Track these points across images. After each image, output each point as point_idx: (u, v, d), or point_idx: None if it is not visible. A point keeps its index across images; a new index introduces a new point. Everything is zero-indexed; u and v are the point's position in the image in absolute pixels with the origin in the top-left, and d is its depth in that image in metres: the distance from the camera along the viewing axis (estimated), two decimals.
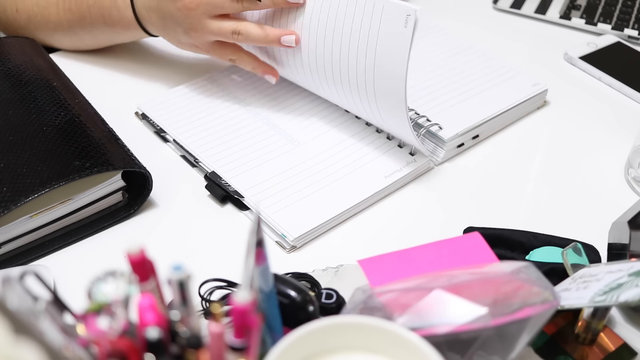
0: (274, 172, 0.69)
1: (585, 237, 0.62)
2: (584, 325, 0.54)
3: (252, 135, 0.74)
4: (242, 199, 0.67)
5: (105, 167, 0.62)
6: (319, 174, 0.69)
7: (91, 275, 0.41)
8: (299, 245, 0.64)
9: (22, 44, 0.80)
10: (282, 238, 0.63)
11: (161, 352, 0.39)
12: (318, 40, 0.69)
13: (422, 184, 0.72)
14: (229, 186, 0.67)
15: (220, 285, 0.56)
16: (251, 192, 0.66)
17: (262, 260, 0.45)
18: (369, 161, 0.71)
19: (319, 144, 0.73)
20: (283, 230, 0.63)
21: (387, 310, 0.46)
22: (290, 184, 0.68)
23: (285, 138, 0.74)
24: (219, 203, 0.68)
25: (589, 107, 0.84)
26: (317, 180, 0.68)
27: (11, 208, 0.58)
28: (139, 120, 0.77)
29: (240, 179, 0.68)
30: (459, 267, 0.50)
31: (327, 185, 0.68)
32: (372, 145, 0.73)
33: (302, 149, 0.72)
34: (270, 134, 0.74)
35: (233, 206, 0.67)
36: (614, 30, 0.96)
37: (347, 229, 0.66)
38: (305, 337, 0.42)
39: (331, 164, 0.70)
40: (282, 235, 0.63)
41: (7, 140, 0.64)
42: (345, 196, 0.67)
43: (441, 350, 0.42)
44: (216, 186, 0.68)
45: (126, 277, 0.41)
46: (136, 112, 0.78)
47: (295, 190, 0.67)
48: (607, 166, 0.75)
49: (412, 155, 0.72)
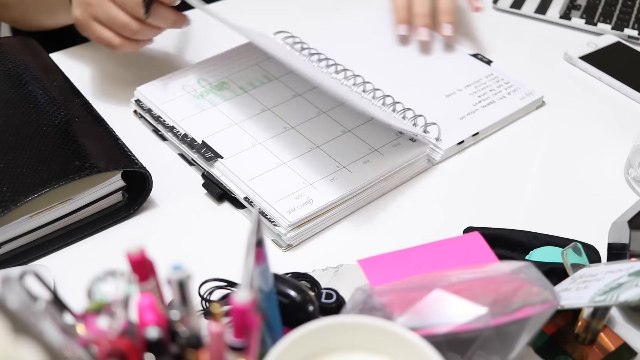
0: (270, 159, 0.69)
1: (585, 237, 0.62)
2: (584, 325, 0.54)
3: (254, 120, 0.74)
4: (236, 196, 0.67)
5: (105, 167, 0.62)
6: (320, 160, 0.69)
7: (91, 275, 0.41)
8: (295, 244, 0.64)
9: (22, 44, 0.80)
10: (279, 237, 0.63)
11: (161, 352, 0.39)
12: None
13: (422, 184, 0.72)
14: (224, 185, 0.68)
15: (220, 285, 0.56)
16: (250, 181, 0.66)
17: (262, 260, 0.45)
18: (371, 151, 0.71)
19: (318, 131, 0.73)
20: (280, 218, 0.63)
21: (387, 310, 0.46)
22: (288, 172, 0.68)
23: (284, 123, 0.74)
24: (216, 202, 0.68)
25: (589, 107, 0.84)
26: (317, 167, 0.68)
27: (11, 208, 0.58)
28: (138, 121, 0.77)
29: (238, 167, 0.68)
30: (459, 267, 0.50)
31: (329, 174, 0.68)
32: (372, 136, 0.73)
33: (301, 137, 0.72)
34: (270, 118, 0.75)
35: (230, 205, 0.68)
36: (614, 30, 0.96)
37: (347, 229, 0.66)
38: (305, 337, 0.42)
39: (336, 152, 0.71)
40: (278, 235, 0.63)
41: (7, 140, 0.64)
42: (346, 183, 0.67)
43: (441, 350, 0.42)
44: (213, 184, 0.68)
45: (126, 277, 0.41)
46: (135, 111, 0.78)
47: (293, 178, 0.67)
48: (607, 166, 0.75)
49: (412, 141, 0.72)
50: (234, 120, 0.74)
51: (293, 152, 0.70)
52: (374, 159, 0.70)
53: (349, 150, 0.71)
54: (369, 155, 0.70)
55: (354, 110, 0.75)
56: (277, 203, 0.64)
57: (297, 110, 0.76)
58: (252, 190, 0.66)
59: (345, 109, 0.76)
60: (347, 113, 0.75)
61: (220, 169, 0.68)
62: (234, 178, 0.67)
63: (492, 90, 0.82)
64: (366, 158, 0.70)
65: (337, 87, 0.74)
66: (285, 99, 0.77)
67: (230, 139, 0.71)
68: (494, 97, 0.81)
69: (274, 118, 0.74)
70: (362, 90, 0.78)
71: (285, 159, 0.69)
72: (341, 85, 0.79)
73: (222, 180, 0.68)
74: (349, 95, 0.73)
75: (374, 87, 0.78)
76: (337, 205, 0.66)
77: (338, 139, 0.72)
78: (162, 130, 0.74)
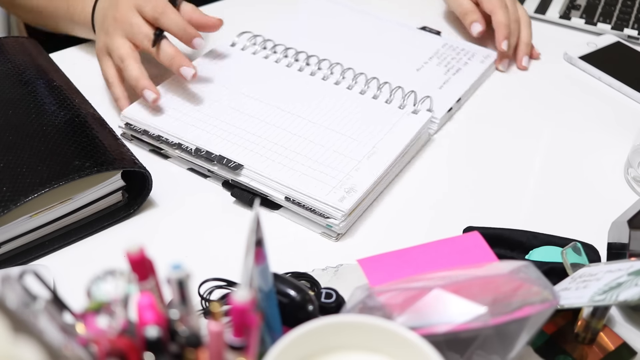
0: (293, 153, 0.69)
1: (584, 236, 0.62)
2: (584, 325, 0.54)
3: (260, 118, 0.73)
4: (272, 199, 0.66)
5: (104, 166, 0.62)
6: (347, 146, 0.70)
7: (91, 274, 0.41)
8: (344, 232, 0.65)
9: (22, 44, 0.80)
10: (328, 228, 0.64)
11: (160, 351, 0.39)
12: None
13: (421, 183, 0.72)
14: (251, 187, 0.67)
15: (219, 284, 0.57)
16: (289, 180, 0.66)
17: (262, 260, 0.45)
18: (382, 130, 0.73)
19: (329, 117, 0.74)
20: (332, 210, 0.63)
21: (387, 310, 0.46)
22: (321, 164, 0.68)
23: (293, 116, 0.74)
24: (248, 207, 0.67)
25: (588, 106, 0.84)
26: (348, 153, 0.69)
27: (11, 208, 0.58)
28: (129, 143, 0.76)
29: (268, 170, 0.67)
30: (459, 267, 0.50)
31: (361, 158, 0.69)
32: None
33: (314, 125, 0.73)
34: (274, 113, 0.74)
35: (265, 207, 0.67)
36: (613, 30, 0.96)
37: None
38: (304, 336, 0.42)
39: (357, 134, 0.72)
40: (328, 226, 0.64)
41: (7, 140, 0.64)
42: (379, 163, 0.69)
43: (441, 350, 0.42)
44: (243, 192, 0.67)
45: (125, 276, 0.41)
46: (123, 133, 0.74)
47: (329, 168, 0.68)
48: (607, 166, 0.75)
49: (415, 114, 0.74)
50: (238, 125, 0.72)
51: (315, 143, 0.70)
52: (389, 136, 0.71)
53: (366, 132, 0.72)
54: (384, 133, 0.72)
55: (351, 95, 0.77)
56: (327, 196, 0.64)
57: (301, 100, 0.76)
58: (294, 189, 0.65)
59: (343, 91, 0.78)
60: (345, 95, 0.77)
61: (249, 175, 0.67)
62: (268, 181, 0.66)
63: (454, 59, 0.87)
64: (382, 137, 0.71)
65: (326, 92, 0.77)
66: (284, 92, 0.77)
67: (243, 143, 0.70)
68: (459, 65, 0.86)
69: (280, 113, 0.74)
70: (352, 79, 0.79)
71: (310, 152, 0.69)
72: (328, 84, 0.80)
73: (252, 185, 0.67)
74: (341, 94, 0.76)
75: (358, 72, 0.79)
76: (375, 186, 0.67)
77: (351, 121, 0.73)
78: (167, 149, 0.72)
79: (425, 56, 0.87)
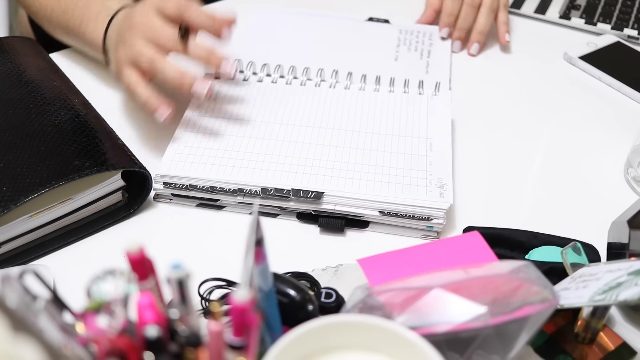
0: (364, 166, 0.66)
1: (584, 236, 0.62)
2: (584, 325, 0.54)
3: (303, 141, 0.70)
4: (364, 218, 0.64)
5: (104, 166, 0.62)
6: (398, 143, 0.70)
7: (91, 274, 0.41)
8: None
9: (22, 44, 0.80)
10: (429, 229, 0.64)
11: (160, 351, 0.39)
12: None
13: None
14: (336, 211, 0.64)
15: (219, 284, 0.57)
16: (378, 195, 0.63)
17: (262, 259, 0.45)
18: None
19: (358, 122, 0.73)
20: (435, 211, 0.62)
21: (387, 309, 0.46)
22: (399, 169, 0.67)
23: (333, 130, 0.71)
24: (340, 233, 0.65)
25: (588, 106, 0.84)
26: (407, 152, 0.69)
27: (11, 208, 0.58)
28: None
29: (350, 189, 0.64)
30: (459, 266, 0.50)
31: (423, 151, 0.69)
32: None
33: (360, 133, 0.71)
34: (313, 132, 0.71)
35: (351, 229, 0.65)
36: (613, 30, 0.96)
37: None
38: (304, 336, 0.42)
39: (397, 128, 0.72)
40: (429, 227, 0.64)
41: (7, 140, 0.64)
42: (443, 148, 0.69)
43: (440, 349, 0.42)
44: (332, 219, 0.64)
45: (125, 276, 0.41)
46: (156, 195, 0.68)
47: (408, 170, 0.67)
48: (607, 166, 0.75)
49: (420, 94, 0.77)
50: (288, 154, 0.68)
51: (378, 151, 0.68)
52: (431, 123, 0.72)
53: (409, 125, 0.72)
54: (426, 121, 0.72)
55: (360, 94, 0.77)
56: (426, 198, 0.63)
57: (328, 113, 0.73)
58: (388, 201, 0.63)
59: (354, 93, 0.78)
60: (363, 98, 0.77)
61: (332, 200, 0.64)
62: (356, 201, 0.63)
63: (418, 42, 0.89)
64: (427, 125, 0.72)
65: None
66: (305, 109, 0.74)
67: (304, 170, 0.66)
68: (426, 47, 0.88)
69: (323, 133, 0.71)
70: (360, 80, 0.79)
71: (380, 161, 0.67)
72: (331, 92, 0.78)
73: (338, 210, 0.64)
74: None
75: (359, 74, 0.80)
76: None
77: (388, 119, 0.73)
78: (224, 199, 0.66)
79: (393, 45, 0.88)
